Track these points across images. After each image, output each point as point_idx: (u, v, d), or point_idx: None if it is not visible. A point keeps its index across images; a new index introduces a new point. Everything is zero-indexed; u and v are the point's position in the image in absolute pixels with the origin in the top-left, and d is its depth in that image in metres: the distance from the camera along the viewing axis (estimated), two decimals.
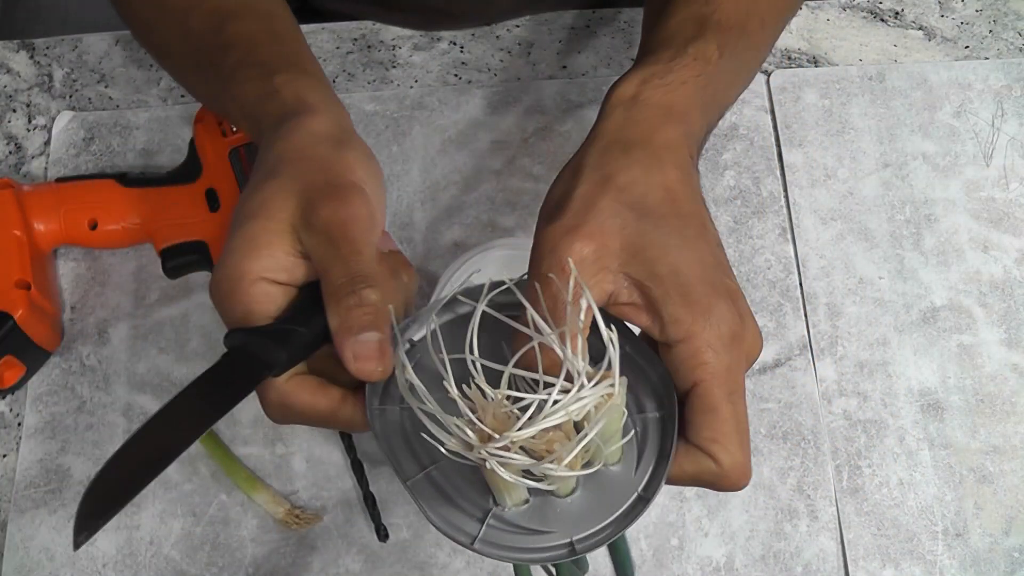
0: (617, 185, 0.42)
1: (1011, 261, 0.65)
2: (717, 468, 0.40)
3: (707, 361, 0.40)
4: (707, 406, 0.40)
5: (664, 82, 0.47)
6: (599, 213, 0.41)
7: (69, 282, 0.65)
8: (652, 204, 0.42)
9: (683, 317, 0.40)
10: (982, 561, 0.58)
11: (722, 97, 0.50)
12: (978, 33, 0.72)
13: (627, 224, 0.41)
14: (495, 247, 0.60)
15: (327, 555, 0.58)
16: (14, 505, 0.60)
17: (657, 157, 0.44)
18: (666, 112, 0.46)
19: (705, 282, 0.41)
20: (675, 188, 0.43)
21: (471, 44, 0.72)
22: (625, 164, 0.43)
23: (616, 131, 0.45)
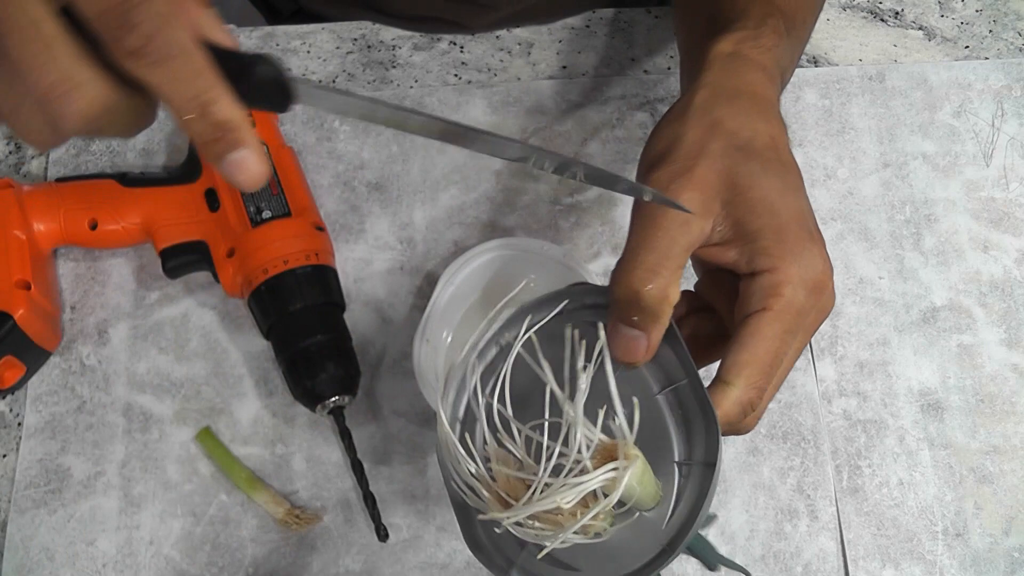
0: (726, 129, 0.43)
1: (1011, 261, 0.65)
2: (734, 395, 0.40)
3: (783, 294, 0.40)
4: (761, 332, 0.40)
5: (757, 44, 0.48)
6: (709, 156, 0.42)
7: (69, 282, 0.65)
8: (759, 148, 0.43)
9: (774, 251, 0.41)
10: (982, 561, 0.58)
11: (784, 74, 0.51)
12: (978, 33, 0.72)
13: (735, 164, 0.42)
14: (495, 247, 0.60)
15: (327, 555, 0.58)
16: (14, 505, 0.60)
17: (762, 107, 0.45)
18: (762, 69, 0.47)
19: (801, 226, 0.42)
20: (779, 138, 0.45)
21: (471, 44, 0.72)
22: (733, 110, 0.44)
23: (720, 80, 0.46)
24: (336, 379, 0.58)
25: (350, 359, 0.60)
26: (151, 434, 0.61)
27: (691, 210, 0.41)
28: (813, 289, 0.41)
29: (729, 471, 0.60)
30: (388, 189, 0.68)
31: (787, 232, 0.41)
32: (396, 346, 0.63)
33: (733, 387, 0.40)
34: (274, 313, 0.60)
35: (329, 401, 0.58)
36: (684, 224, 0.41)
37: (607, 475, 0.36)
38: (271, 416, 0.62)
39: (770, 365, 0.40)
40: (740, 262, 0.42)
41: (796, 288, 0.40)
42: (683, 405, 0.40)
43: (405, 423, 0.61)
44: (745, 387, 0.40)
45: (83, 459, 0.61)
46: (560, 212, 0.67)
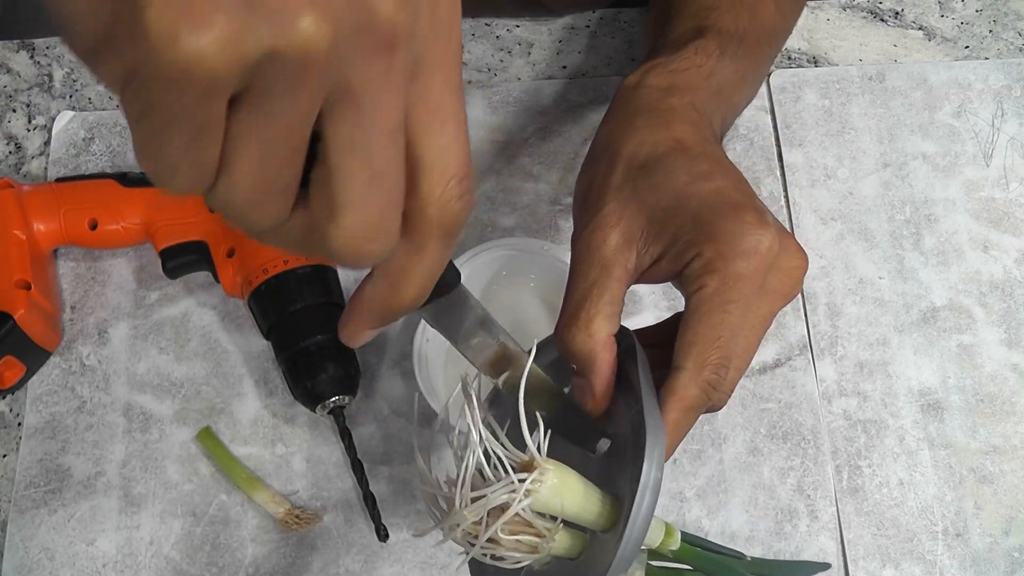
0: (624, 155, 0.43)
1: (1011, 261, 0.65)
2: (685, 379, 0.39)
3: (716, 269, 0.39)
4: (702, 309, 0.39)
5: (667, 69, 0.48)
6: (612, 189, 0.42)
7: (69, 282, 0.65)
8: (659, 156, 0.43)
9: (694, 239, 0.40)
10: (982, 561, 0.58)
11: (729, 94, 0.51)
12: (978, 33, 0.72)
13: (637, 185, 0.42)
14: (495, 247, 0.60)
15: (327, 555, 0.58)
16: (14, 505, 0.60)
17: (662, 118, 0.45)
18: (668, 89, 0.47)
19: (719, 202, 0.41)
20: (684, 138, 0.44)
21: (471, 44, 0.72)
22: (629, 136, 0.44)
23: (617, 113, 0.46)
24: (336, 379, 0.58)
25: (350, 359, 0.60)
26: (151, 434, 0.61)
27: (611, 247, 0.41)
28: (745, 255, 0.39)
29: (729, 471, 0.60)
30: None
31: (702, 217, 0.40)
32: (396, 346, 0.63)
33: (684, 370, 0.39)
34: (274, 313, 0.60)
35: (329, 401, 0.58)
36: (603, 265, 0.41)
37: (507, 487, 0.36)
38: (271, 416, 0.62)
39: (718, 338, 0.39)
40: (674, 266, 0.40)
41: (729, 260, 0.39)
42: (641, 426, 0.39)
43: (405, 423, 0.61)
44: (696, 367, 0.39)
45: (83, 459, 0.61)
46: (560, 212, 0.67)
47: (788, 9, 0.58)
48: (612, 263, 0.41)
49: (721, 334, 0.39)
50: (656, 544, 0.41)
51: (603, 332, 0.40)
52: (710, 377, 0.39)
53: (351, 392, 0.59)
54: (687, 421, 0.40)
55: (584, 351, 0.40)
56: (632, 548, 0.36)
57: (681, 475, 0.60)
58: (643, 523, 0.36)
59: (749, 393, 0.62)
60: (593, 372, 0.40)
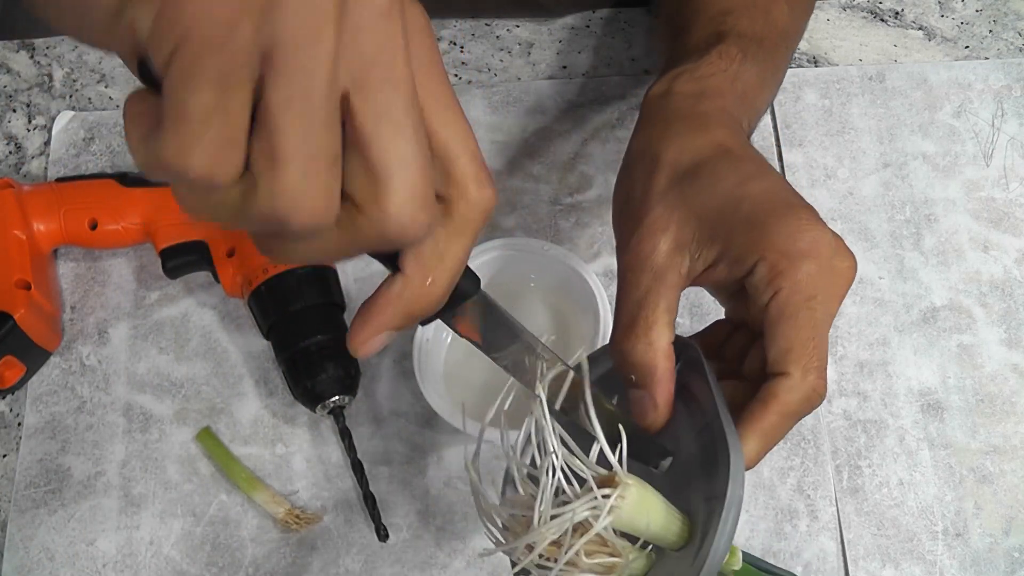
0: (666, 162, 0.43)
1: (1011, 261, 0.65)
2: (792, 385, 0.38)
3: (784, 270, 0.38)
4: (785, 313, 0.38)
5: (693, 76, 0.48)
6: (657, 195, 0.42)
7: (69, 282, 0.65)
8: (703, 161, 0.42)
9: (753, 239, 0.39)
10: (982, 561, 0.58)
11: (753, 99, 0.51)
12: (978, 33, 0.72)
13: (684, 190, 0.41)
14: (495, 247, 0.60)
15: (327, 555, 0.58)
16: (14, 505, 0.60)
17: (697, 124, 0.45)
18: (699, 95, 0.46)
19: (771, 202, 0.40)
20: (725, 142, 0.44)
21: (471, 44, 0.72)
22: (668, 142, 0.44)
23: (652, 120, 0.46)
24: (336, 379, 0.58)
25: (350, 359, 0.60)
26: (151, 434, 0.61)
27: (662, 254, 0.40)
28: (809, 254, 0.39)
29: None
30: None
31: (755, 219, 0.40)
32: (396, 346, 0.63)
33: (789, 376, 0.38)
34: (274, 313, 0.60)
35: (329, 401, 0.58)
36: (655, 273, 0.40)
37: (589, 503, 0.34)
38: (271, 416, 0.62)
39: (813, 339, 0.39)
40: (733, 272, 0.40)
41: (795, 260, 0.39)
42: (715, 441, 0.38)
43: (405, 423, 0.61)
44: (801, 372, 0.38)
45: (83, 459, 0.61)
46: (560, 212, 0.67)
47: (800, 10, 0.57)
48: (665, 270, 0.40)
49: (815, 335, 0.39)
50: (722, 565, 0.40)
51: (663, 340, 0.39)
52: (816, 382, 0.39)
53: (351, 392, 0.59)
54: (785, 427, 0.39)
55: (644, 361, 0.39)
56: (714, 567, 0.35)
57: None
58: (727, 541, 0.35)
59: None
60: (655, 383, 0.39)
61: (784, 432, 0.39)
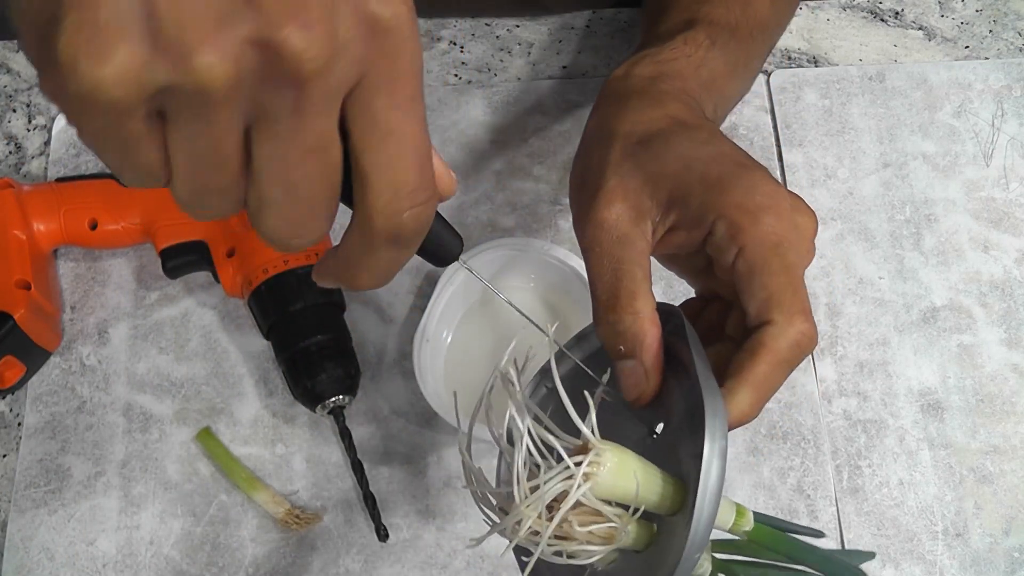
0: (620, 133, 0.43)
1: (1011, 261, 0.65)
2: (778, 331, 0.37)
3: (744, 226, 0.38)
4: (756, 267, 0.38)
5: (655, 60, 0.48)
6: (612, 165, 0.41)
7: (69, 282, 0.65)
8: (657, 131, 0.42)
9: (709, 198, 0.39)
10: (982, 561, 0.58)
11: (721, 85, 0.50)
12: (978, 33, 0.72)
13: (639, 158, 0.41)
14: (495, 247, 0.60)
15: (327, 555, 0.58)
16: (14, 505, 0.60)
17: (653, 99, 0.45)
18: (658, 76, 0.47)
19: (724, 163, 0.40)
20: (678, 114, 0.44)
21: (471, 44, 0.72)
22: (622, 117, 0.44)
23: (608, 99, 0.46)
24: (336, 379, 0.58)
25: (350, 359, 0.60)
26: (151, 434, 0.61)
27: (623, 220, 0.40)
28: (767, 208, 0.38)
29: (729, 471, 0.60)
30: None
31: (709, 178, 0.39)
32: (396, 346, 0.63)
33: (774, 323, 0.37)
34: (274, 313, 0.60)
35: (329, 401, 0.58)
36: (621, 242, 0.40)
37: (563, 473, 0.34)
38: (271, 416, 0.62)
39: (791, 282, 0.38)
40: (694, 234, 0.39)
41: (751, 214, 0.38)
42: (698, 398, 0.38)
43: (405, 423, 0.61)
44: (785, 318, 0.37)
45: (83, 459, 0.61)
46: (560, 212, 0.67)
47: (782, 3, 0.57)
48: (632, 237, 0.40)
49: (790, 279, 0.38)
50: (728, 525, 0.39)
51: (648, 308, 0.39)
52: (803, 325, 0.37)
53: (351, 392, 0.59)
54: (778, 376, 0.38)
55: (633, 331, 0.39)
56: (706, 522, 0.34)
57: None
58: (714, 491, 0.34)
59: None
60: (644, 350, 0.39)
61: (778, 381, 0.38)
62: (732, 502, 0.40)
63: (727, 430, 0.35)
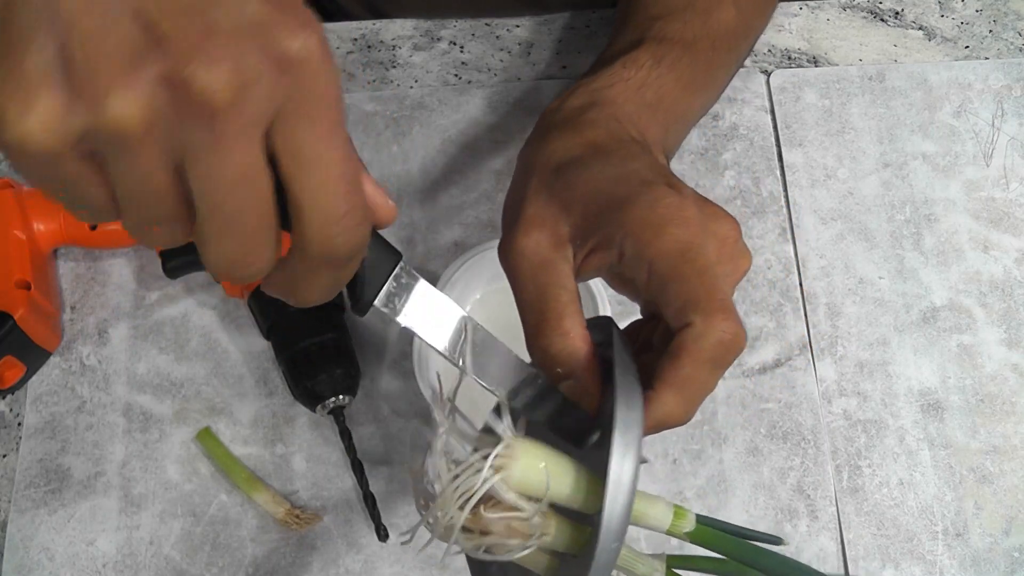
0: (538, 164, 0.43)
1: (1011, 261, 0.65)
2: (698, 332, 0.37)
3: (649, 240, 0.38)
4: (666, 277, 0.38)
5: (588, 89, 0.47)
6: (530, 194, 0.42)
7: (69, 282, 0.65)
8: (575, 157, 0.43)
9: (617, 219, 0.39)
10: (982, 561, 0.58)
11: (672, 104, 0.50)
12: (978, 33, 0.72)
13: (554, 185, 0.42)
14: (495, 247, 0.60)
15: (327, 555, 0.58)
16: (14, 505, 0.60)
17: (575, 129, 0.45)
18: (588, 106, 0.46)
19: (631, 182, 0.40)
20: (596, 140, 0.44)
21: (471, 44, 0.72)
22: (542, 148, 0.44)
23: (535, 133, 0.46)
24: (336, 379, 0.58)
25: (350, 359, 0.60)
26: (151, 434, 0.61)
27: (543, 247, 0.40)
28: (670, 219, 0.38)
29: (729, 471, 0.60)
30: (388, 189, 0.68)
31: (615, 199, 0.40)
32: (396, 346, 0.63)
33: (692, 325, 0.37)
34: (274, 313, 0.60)
35: (329, 401, 0.58)
36: (544, 267, 0.40)
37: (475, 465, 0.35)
38: (271, 416, 0.62)
39: (701, 286, 0.37)
40: (608, 256, 0.40)
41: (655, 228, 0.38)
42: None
43: (405, 423, 0.61)
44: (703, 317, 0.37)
45: (83, 459, 0.61)
46: None
47: (752, 8, 0.56)
48: (553, 260, 0.40)
49: (702, 281, 0.38)
50: (665, 527, 0.39)
51: (577, 327, 0.39)
52: (723, 323, 0.37)
53: (351, 392, 0.59)
54: (704, 376, 0.38)
55: (565, 353, 0.39)
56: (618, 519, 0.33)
57: (681, 475, 0.60)
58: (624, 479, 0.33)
59: (749, 393, 0.62)
60: (581, 368, 0.39)
61: (704, 381, 0.38)
62: (670, 503, 0.40)
63: (641, 424, 0.35)
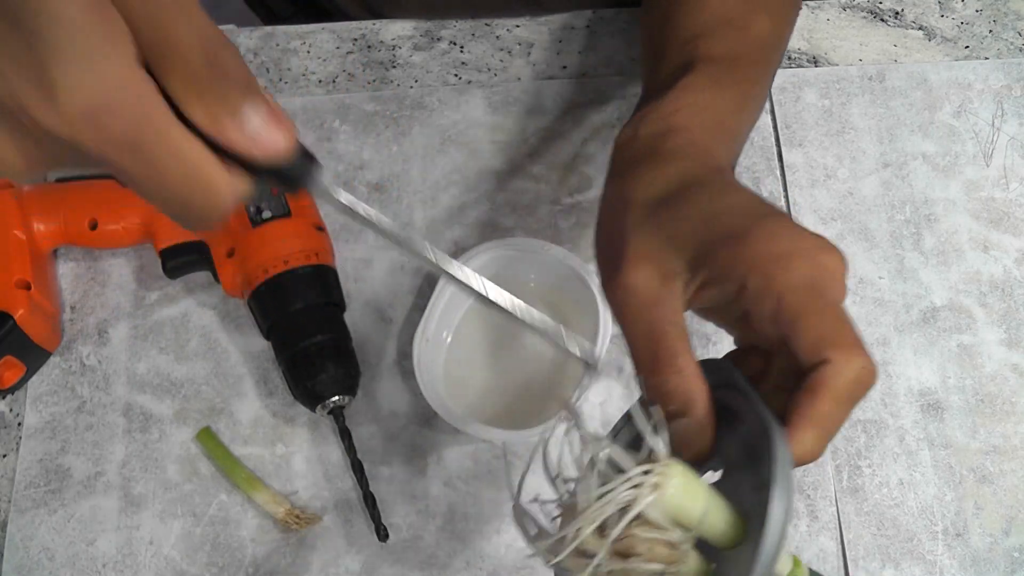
0: (636, 200, 0.42)
1: (1011, 261, 0.65)
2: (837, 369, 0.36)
3: (775, 274, 0.37)
4: (798, 311, 0.37)
5: (658, 115, 0.47)
6: (633, 230, 0.41)
7: (69, 282, 0.65)
8: (673, 191, 0.42)
9: (735, 252, 0.38)
10: (982, 561, 0.58)
11: (731, 124, 0.50)
12: (978, 33, 0.72)
13: (658, 219, 0.41)
14: (495, 247, 0.60)
15: (327, 555, 0.58)
16: (14, 505, 0.60)
17: (664, 158, 0.44)
18: (664, 133, 0.46)
19: (745, 215, 0.40)
20: (690, 170, 0.43)
21: (471, 44, 0.72)
22: (634, 179, 0.44)
23: (620, 166, 0.46)
24: (336, 379, 0.58)
25: (350, 359, 0.60)
26: (151, 434, 0.61)
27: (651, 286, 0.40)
28: (795, 253, 0.38)
29: None
30: (388, 189, 0.68)
31: (733, 231, 0.39)
32: (396, 346, 0.63)
33: (831, 362, 0.37)
34: (274, 313, 0.60)
35: (329, 401, 0.58)
36: (653, 303, 0.39)
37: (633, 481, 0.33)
38: (271, 416, 0.62)
39: (837, 321, 0.37)
40: (726, 290, 0.39)
41: (781, 262, 0.38)
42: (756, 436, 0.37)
43: (405, 423, 0.61)
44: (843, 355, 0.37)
45: (83, 459, 0.61)
46: (560, 212, 0.67)
47: (782, 20, 0.56)
48: (662, 297, 0.39)
49: (838, 316, 0.37)
50: (784, 574, 0.39)
51: (691, 365, 0.38)
52: (862, 360, 0.37)
53: (351, 392, 0.59)
54: (841, 413, 0.37)
55: (680, 389, 0.38)
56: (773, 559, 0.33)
57: None
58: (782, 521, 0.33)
59: None
60: (695, 407, 0.38)
61: (841, 419, 0.38)
62: (790, 553, 0.39)
63: (792, 462, 0.35)
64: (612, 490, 0.33)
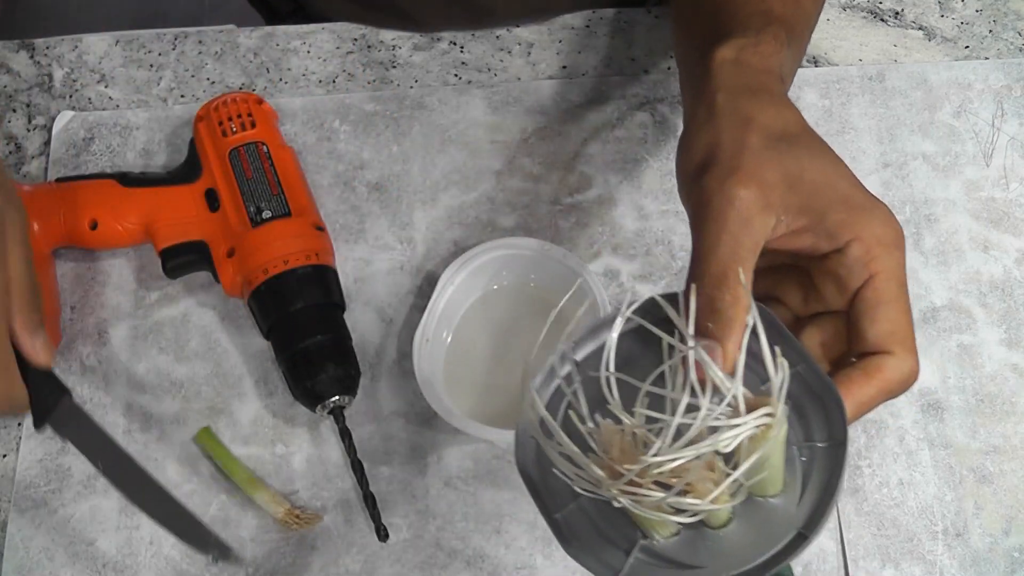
0: (759, 124, 0.43)
1: (1011, 261, 0.65)
2: (897, 364, 0.39)
3: (879, 255, 0.40)
4: (884, 298, 0.40)
5: (757, 51, 0.48)
6: (752, 152, 0.42)
7: (69, 282, 0.65)
8: (795, 134, 0.44)
9: (850, 221, 0.41)
10: (982, 561, 0.58)
11: (788, 82, 0.51)
12: (978, 33, 0.72)
13: (780, 154, 0.42)
14: (495, 247, 0.60)
15: (327, 555, 0.58)
16: (14, 505, 0.60)
17: (782, 100, 0.46)
18: (767, 73, 0.47)
19: (861, 192, 0.43)
20: (804, 125, 0.45)
21: (471, 44, 0.72)
22: (758, 106, 0.44)
23: (733, 82, 0.46)
24: (336, 379, 0.58)
25: (350, 359, 0.60)
26: (151, 434, 0.61)
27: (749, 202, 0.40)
28: (897, 242, 0.41)
29: None
30: (388, 189, 0.68)
31: (853, 201, 0.42)
32: (396, 346, 0.63)
33: (893, 355, 0.40)
34: (274, 313, 0.60)
35: (329, 401, 0.58)
36: (745, 224, 0.40)
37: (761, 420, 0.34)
38: (271, 416, 0.62)
39: (908, 323, 0.41)
40: (819, 243, 0.41)
41: (887, 246, 0.41)
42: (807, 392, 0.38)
43: (405, 423, 0.61)
44: (903, 353, 0.40)
45: (83, 459, 0.60)
46: (560, 212, 0.67)
47: None
48: (756, 224, 0.41)
49: (910, 319, 0.40)
50: None
51: (747, 298, 0.39)
52: (915, 365, 0.40)
53: (351, 392, 0.59)
54: (877, 403, 0.40)
55: (728, 314, 0.39)
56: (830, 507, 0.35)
57: None
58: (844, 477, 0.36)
59: None
60: (731, 338, 0.39)
61: (873, 408, 0.40)
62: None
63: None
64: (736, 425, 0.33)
